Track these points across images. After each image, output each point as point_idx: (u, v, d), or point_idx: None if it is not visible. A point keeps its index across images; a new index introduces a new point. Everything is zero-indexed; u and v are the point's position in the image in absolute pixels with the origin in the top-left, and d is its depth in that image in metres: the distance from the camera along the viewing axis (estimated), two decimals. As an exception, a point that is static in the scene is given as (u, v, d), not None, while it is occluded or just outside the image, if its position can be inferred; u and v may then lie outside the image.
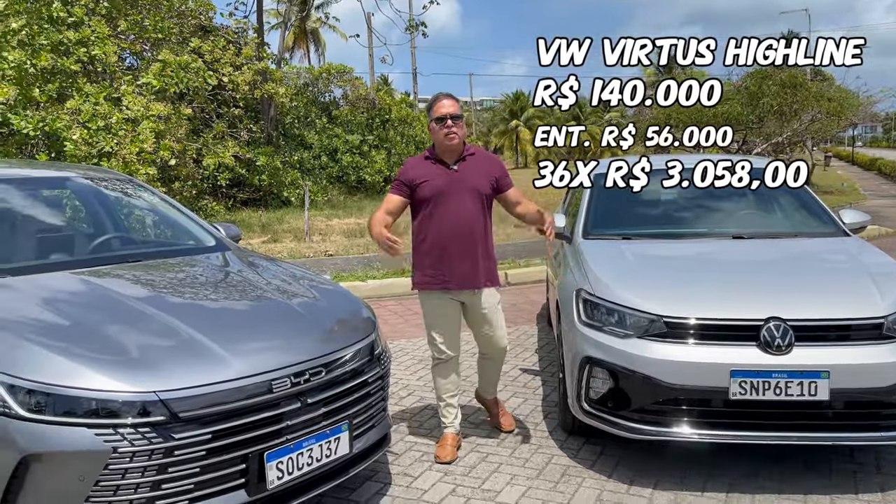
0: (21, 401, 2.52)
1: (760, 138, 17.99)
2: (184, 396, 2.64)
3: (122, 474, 2.52)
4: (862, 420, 3.50)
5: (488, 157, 4.08)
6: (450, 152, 3.89)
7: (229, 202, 19.35)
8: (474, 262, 3.87)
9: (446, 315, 3.97)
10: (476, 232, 3.88)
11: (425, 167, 3.91)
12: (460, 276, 3.86)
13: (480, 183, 3.90)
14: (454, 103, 3.90)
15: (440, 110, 3.85)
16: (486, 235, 3.95)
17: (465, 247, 3.84)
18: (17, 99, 11.17)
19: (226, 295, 3.52)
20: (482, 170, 3.94)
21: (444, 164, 3.90)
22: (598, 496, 3.55)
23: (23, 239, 3.87)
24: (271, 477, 2.81)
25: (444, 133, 3.82)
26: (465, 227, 3.83)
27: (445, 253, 3.84)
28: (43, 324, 2.87)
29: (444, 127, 3.82)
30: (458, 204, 3.83)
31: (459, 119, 3.85)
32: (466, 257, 3.85)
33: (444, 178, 3.87)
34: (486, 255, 3.94)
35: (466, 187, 3.85)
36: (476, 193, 3.87)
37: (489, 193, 3.95)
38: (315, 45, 54.04)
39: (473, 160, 3.94)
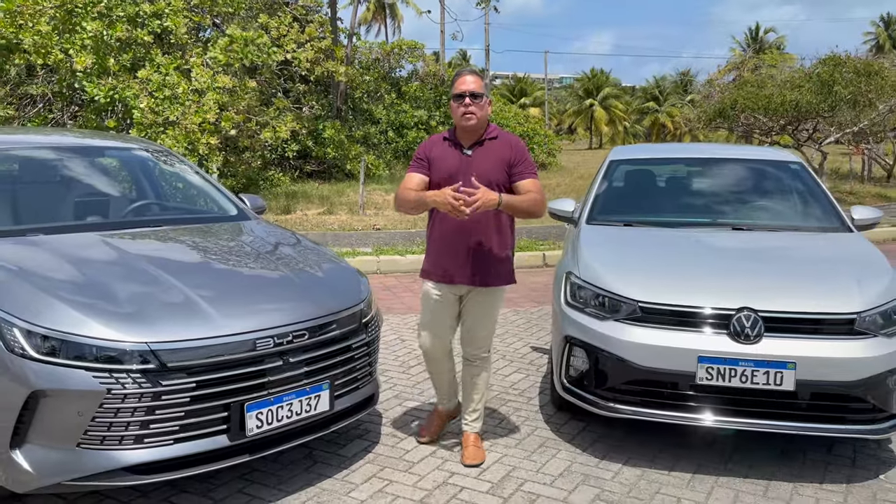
0: (34, 344, 2.90)
1: (833, 127, 17.42)
2: (172, 349, 2.99)
3: (115, 413, 2.88)
4: (828, 412, 3.59)
5: (509, 143, 3.65)
6: (467, 134, 3.61)
7: (295, 173, 19.97)
8: (480, 257, 3.61)
9: (443, 309, 3.74)
10: (483, 225, 3.58)
11: (441, 147, 3.66)
12: (464, 271, 3.62)
13: (492, 171, 3.54)
14: (477, 79, 3.58)
15: (459, 87, 3.55)
16: (498, 228, 3.64)
17: (470, 240, 3.59)
18: (94, 68, 11.89)
19: (229, 260, 3.86)
20: (496, 155, 3.58)
21: (459, 147, 3.64)
22: (568, 467, 3.76)
23: (63, 202, 4.31)
24: (251, 425, 3.14)
25: (462, 112, 3.53)
26: (471, 221, 3.48)
27: (450, 246, 3.63)
28: (60, 278, 3.26)
29: (461, 105, 3.53)
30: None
31: (480, 98, 3.53)
32: (471, 252, 3.60)
33: (455, 161, 3.59)
34: (496, 251, 3.64)
35: (477, 175, 3.47)
36: (485, 181, 3.45)
37: (503, 182, 3.57)
38: (392, 18, 54.52)
39: (492, 145, 3.61)
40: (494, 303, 3.75)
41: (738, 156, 5.49)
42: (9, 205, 4.11)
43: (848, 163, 23.97)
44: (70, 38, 11.79)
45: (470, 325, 3.78)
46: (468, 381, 3.88)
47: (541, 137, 29.07)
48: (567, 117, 70.07)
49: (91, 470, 2.89)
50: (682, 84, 68.38)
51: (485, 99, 3.56)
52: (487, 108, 3.60)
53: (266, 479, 3.56)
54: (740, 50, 57.19)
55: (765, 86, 17.52)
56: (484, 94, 3.55)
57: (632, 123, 68.66)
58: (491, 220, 3.60)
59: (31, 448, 2.89)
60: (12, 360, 2.89)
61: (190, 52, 13.21)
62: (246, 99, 12.82)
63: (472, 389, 3.87)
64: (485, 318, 3.76)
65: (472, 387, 3.87)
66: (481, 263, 3.62)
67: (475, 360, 3.84)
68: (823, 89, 15.39)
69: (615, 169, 5.40)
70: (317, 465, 3.73)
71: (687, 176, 5.42)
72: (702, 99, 20.69)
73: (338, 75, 15.94)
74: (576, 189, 18.04)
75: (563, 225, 5.62)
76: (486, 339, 3.83)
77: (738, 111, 16.57)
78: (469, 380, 3.88)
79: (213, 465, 3.10)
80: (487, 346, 3.85)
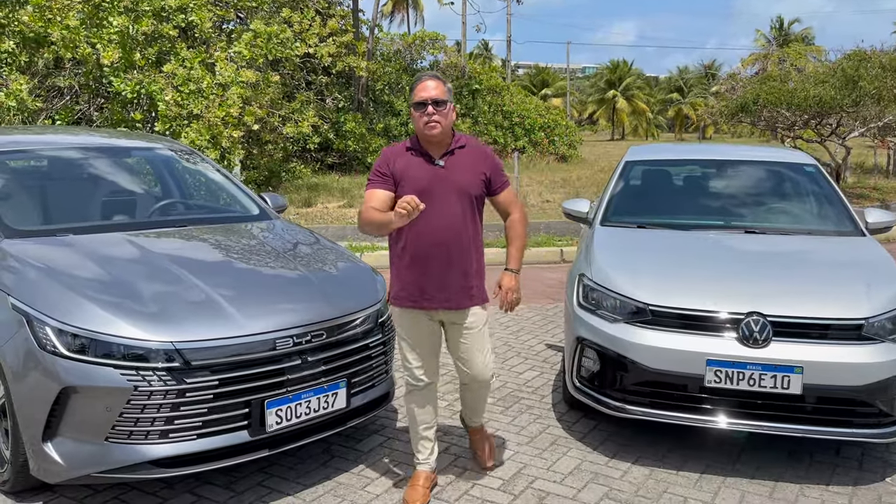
0: (65, 342, 3.05)
1: (857, 122, 17.23)
2: (196, 348, 3.12)
3: (142, 409, 3.02)
4: (834, 416, 3.65)
5: (480, 151, 3.42)
6: (434, 144, 3.31)
7: (316, 166, 20.13)
8: (459, 276, 3.31)
9: (423, 337, 3.42)
10: (463, 240, 3.30)
11: (406, 160, 3.31)
12: (441, 293, 3.31)
13: (469, 181, 3.30)
14: (439, 85, 3.25)
15: (420, 94, 3.23)
16: (474, 244, 3.37)
17: (450, 258, 3.28)
18: (120, 62, 12.09)
19: (250, 260, 3.98)
20: (471, 166, 3.33)
21: (428, 158, 3.31)
22: (577, 465, 3.86)
23: (91, 202, 4.46)
24: (270, 422, 3.27)
25: (424, 122, 3.22)
26: (450, 235, 3.26)
27: (425, 265, 3.28)
28: (89, 277, 3.41)
29: (423, 114, 3.22)
30: (442, 207, 3.22)
31: (443, 105, 3.22)
32: (450, 271, 3.29)
33: (427, 174, 3.27)
34: (474, 268, 3.36)
35: (453, 187, 3.25)
36: (464, 194, 3.27)
37: (480, 194, 3.36)
38: (414, 9, 54.51)
39: (464, 154, 3.34)
40: (482, 321, 3.45)
41: (753, 157, 5.52)
42: (39, 205, 4.27)
43: (873, 156, 23.70)
44: (97, 32, 12.00)
45: (467, 352, 3.44)
46: (467, 401, 3.73)
47: (562, 129, 29.02)
48: (589, 108, 69.69)
49: (118, 463, 3.04)
50: (707, 76, 67.74)
51: (448, 105, 3.27)
52: (452, 115, 3.31)
53: (285, 473, 3.69)
54: (765, 42, 56.46)
55: (788, 80, 17.38)
56: (447, 100, 3.26)
57: (654, 115, 68.16)
58: (469, 233, 3.32)
59: (62, 441, 3.05)
60: (44, 357, 3.04)
61: (214, 46, 13.38)
62: (269, 93, 12.96)
63: (475, 402, 3.71)
64: (482, 339, 3.45)
65: (473, 401, 3.70)
66: (465, 282, 3.33)
67: (478, 387, 3.60)
68: (848, 84, 15.22)
69: (630, 170, 5.45)
70: (334, 460, 3.85)
71: (702, 177, 5.46)
72: (725, 92, 20.49)
73: (359, 70, 16.06)
74: (596, 183, 18.03)
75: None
76: (487, 363, 3.50)
77: (761, 106, 16.43)
78: (468, 399, 3.71)
79: (234, 459, 3.24)
80: (491, 370, 3.54)
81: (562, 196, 15.74)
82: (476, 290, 3.38)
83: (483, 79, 27.15)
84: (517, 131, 26.93)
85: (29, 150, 4.54)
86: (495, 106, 26.78)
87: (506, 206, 3.48)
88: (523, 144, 26.66)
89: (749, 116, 17.66)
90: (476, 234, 3.39)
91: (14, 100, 11.13)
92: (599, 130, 72.49)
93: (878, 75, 15.03)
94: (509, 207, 3.49)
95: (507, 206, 3.49)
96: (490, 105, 26.66)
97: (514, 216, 3.49)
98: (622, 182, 5.34)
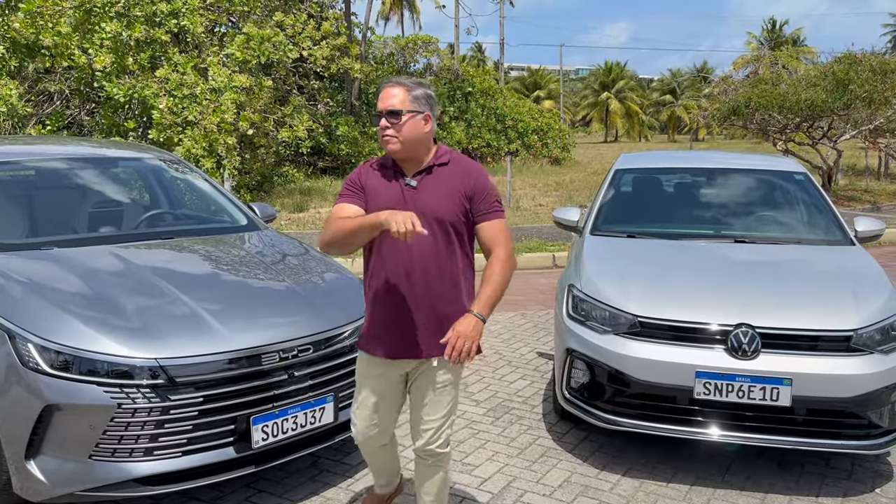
0: (48, 359, 3.02)
1: (849, 125, 17.29)
2: (181, 364, 3.09)
3: (126, 426, 2.99)
4: (824, 427, 3.64)
5: (465, 169, 2.79)
6: (407, 161, 2.77)
7: (309, 170, 20.10)
8: (431, 319, 2.74)
9: (380, 389, 2.88)
10: (436, 280, 2.73)
11: (377, 177, 2.80)
12: (403, 339, 2.77)
13: (443, 207, 2.72)
14: (401, 92, 2.69)
15: (379, 103, 2.71)
16: (454, 283, 2.78)
17: (417, 298, 2.73)
18: (113, 67, 12.05)
19: (237, 272, 3.95)
20: (449, 187, 2.74)
21: (400, 177, 2.78)
22: (567, 477, 3.84)
23: (76, 214, 4.42)
24: (256, 438, 3.24)
25: (380, 136, 2.73)
26: (419, 274, 2.72)
27: (389, 304, 2.76)
28: (73, 293, 3.37)
29: (378, 128, 2.73)
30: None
31: (397, 117, 2.67)
32: (418, 312, 2.74)
33: (394, 196, 2.73)
34: (452, 311, 2.73)
35: (423, 214, 2.62)
36: (434, 222, 2.69)
37: (458, 221, 2.75)
38: (410, 11, 54.52)
39: (442, 173, 2.77)
40: (453, 379, 2.84)
41: (743, 166, 5.51)
42: (24, 217, 4.23)
43: (864, 159, 23.78)
44: (89, 37, 11.96)
45: (421, 411, 2.86)
46: (421, 484, 2.98)
47: (555, 132, 29.06)
48: (582, 110, 69.79)
49: (102, 481, 3.01)
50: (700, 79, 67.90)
51: (407, 116, 2.68)
52: (419, 127, 2.70)
53: (272, 488, 3.66)
54: (757, 44, 56.64)
55: (779, 83, 17.42)
56: (406, 110, 2.68)
57: (648, 117, 68.31)
58: (446, 269, 2.75)
59: (45, 459, 3.02)
60: (27, 374, 3.01)
61: (207, 50, 13.35)
62: (263, 98, 12.94)
63: (427, 495, 2.98)
64: (440, 401, 2.83)
65: (426, 492, 2.97)
66: (435, 328, 2.72)
67: (429, 457, 2.91)
68: (839, 87, 15.28)
69: (621, 178, 5.45)
70: (322, 474, 3.83)
71: (692, 186, 5.46)
72: (717, 95, 20.53)
73: (353, 72, 16.04)
74: (589, 186, 18.06)
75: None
76: (444, 429, 2.87)
77: (753, 109, 16.47)
78: (422, 482, 2.97)
79: (220, 476, 3.20)
80: (446, 439, 2.89)
81: (555, 200, 15.76)
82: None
83: (476, 81, 27.18)
84: (510, 134, 26.95)
85: (14, 162, 4.50)
86: (488, 109, 26.81)
87: (488, 241, 2.76)
88: (516, 147, 26.68)
89: (741, 119, 17.70)
90: (456, 270, 2.77)
91: (4, 105, 11.09)
92: (592, 133, 72.56)
93: (869, 78, 15.09)
94: (492, 243, 2.76)
95: (490, 242, 2.76)
96: (483, 108, 26.68)
97: (498, 253, 2.74)
98: (612, 190, 5.33)
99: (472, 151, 25.71)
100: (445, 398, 2.84)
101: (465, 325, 2.63)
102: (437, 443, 2.87)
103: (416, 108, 2.70)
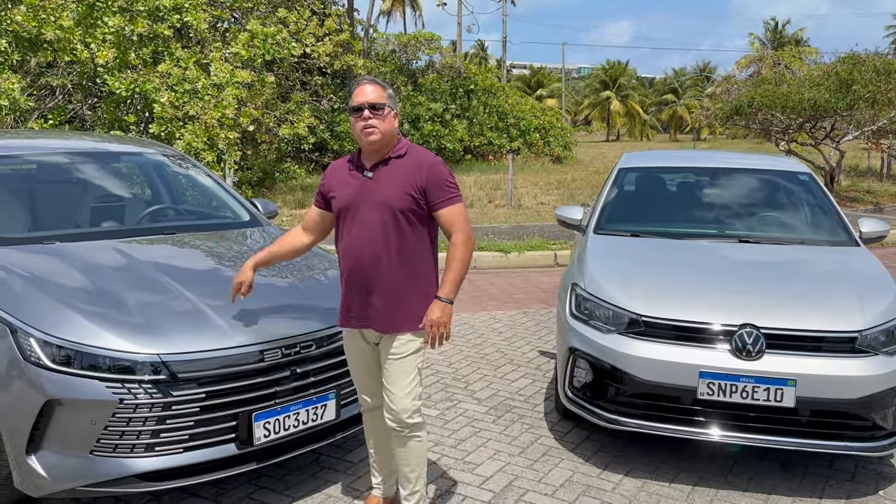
0: (49, 354, 3.00)
1: (852, 126, 17.26)
2: (183, 360, 3.08)
3: (127, 422, 2.98)
4: (827, 429, 3.62)
5: (419, 161, 3.06)
6: (371, 154, 3.08)
7: (311, 166, 20.07)
8: (385, 297, 3.04)
9: (354, 356, 3.26)
10: (383, 258, 3.01)
11: (343, 172, 3.15)
12: (365, 314, 3.09)
13: (395, 196, 3.00)
14: (377, 89, 3.03)
15: (357, 98, 3.02)
16: (408, 264, 3.05)
17: (369, 278, 3.04)
18: (115, 62, 12.03)
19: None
20: (402, 177, 3.03)
21: (361, 170, 3.10)
22: (569, 477, 3.83)
23: (78, 208, 4.40)
24: (258, 434, 3.22)
25: (361, 127, 2.99)
26: (368, 252, 3.01)
27: (350, 283, 3.10)
28: (75, 288, 3.35)
29: (359, 119, 3.00)
30: (362, 222, 3.03)
31: (380, 110, 2.99)
32: (373, 291, 3.05)
33: (353, 188, 3.08)
34: (404, 290, 3.05)
35: (377, 202, 3.00)
36: (386, 208, 3.00)
37: (408, 209, 3.01)
38: (412, 8, 54.46)
39: (398, 165, 3.06)
40: (414, 349, 3.10)
41: (747, 165, 5.49)
42: (26, 211, 4.22)
43: (867, 160, 23.75)
44: (92, 32, 11.94)
45: (388, 383, 3.12)
46: (398, 456, 3.21)
47: (557, 130, 29.03)
48: (584, 109, 69.72)
49: (103, 476, 2.99)
50: (703, 78, 67.84)
51: (387, 110, 3.02)
52: (393, 121, 3.05)
53: (274, 485, 3.65)
54: (759, 44, 56.55)
55: (782, 83, 17.39)
56: (386, 104, 3.02)
57: (650, 116, 68.25)
58: (392, 251, 3.02)
59: (46, 454, 3.00)
60: (28, 368, 2.99)
61: (209, 46, 13.32)
62: (265, 94, 12.92)
63: (405, 465, 3.21)
64: (403, 371, 3.08)
65: (405, 462, 3.20)
66: (387, 304, 3.05)
67: (401, 428, 3.12)
68: (842, 88, 15.25)
69: (624, 177, 5.43)
70: (324, 471, 3.82)
71: (695, 185, 5.44)
72: (719, 94, 20.50)
73: (356, 68, 16.00)
74: (591, 185, 18.04)
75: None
76: (406, 398, 3.09)
77: (756, 109, 16.44)
78: (399, 454, 3.20)
79: (221, 472, 3.19)
80: (412, 409, 3.10)
81: (556, 198, 15.74)
82: (404, 314, 3.05)
83: (478, 79, 27.13)
84: (512, 132, 26.93)
85: (16, 156, 4.48)
86: (491, 107, 26.77)
87: (447, 225, 3.06)
88: (518, 146, 26.65)
89: (743, 119, 17.67)
90: (409, 252, 3.04)
91: (6, 99, 11.08)
92: (594, 131, 72.51)
93: (872, 79, 15.07)
94: (451, 227, 3.05)
95: (449, 226, 3.05)
96: (485, 106, 26.64)
97: (455, 237, 3.05)
98: (616, 189, 5.31)
99: (474, 149, 25.69)
100: (408, 367, 3.09)
101: (435, 313, 3.02)
102: (405, 413, 3.10)
103: (391, 105, 3.05)
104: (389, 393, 3.10)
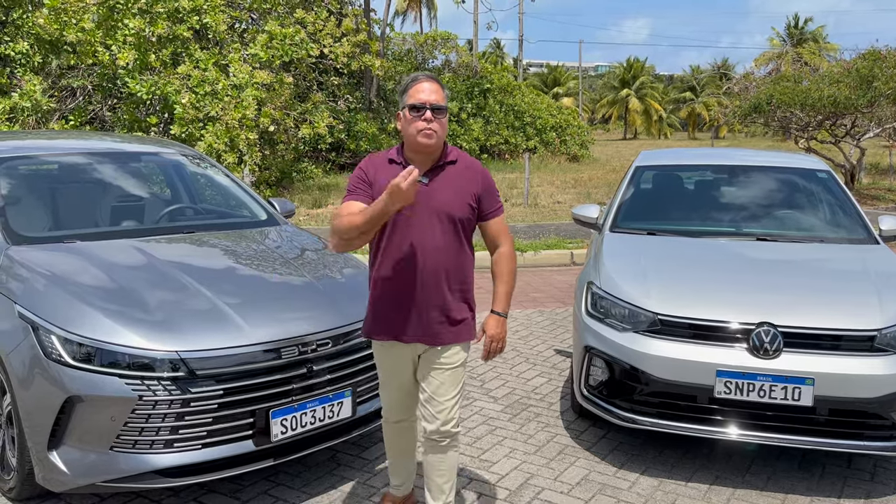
0: (70, 351, 3.05)
1: (873, 123, 17.09)
2: (201, 357, 3.11)
3: (147, 418, 3.02)
4: (846, 428, 3.60)
5: (473, 168, 2.94)
6: (421, 157, 2.86)
7: (327, 166, 20.16)
8: (438, 309, 2.89)
9: (392, 371, 3.05)
10: (445, 270, 2.87)
11: (388, 172, 2.79)
12: (417, 327, 2.90)
13: (455, 204, 2.85)
14: (438, 89, 2.81)
15: (418, 95, 2.78)
16: (461, 274, 2.93)
17: (429, 291, 2.86)
18: (135, 64, 12.16)
19: (256, 267, 3.97)
20: (460, 185, 2.88)
21: None
22: (585, 475, 3.82)
23: (99, 208, 4.46)
24: (275, 431, 3.25)
25: (420, 128, 2.77)
26: (431, 265, 2.84)
27: (401, 295, 2.89)
28: (95, 286, 3.40)
29: (420, 119, 2.77)
30: (422, 231, 2.82)
31: (442, 113, 2.81)
32: (427, 303, 2.87)
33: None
34: (459, 302, 2.93)
35: (434, 208, 2.82)
36: (448, 218, 2.84)
37: (467, 217, 2.89)
38: (428, 8, 54.48)
39: (453, 171, 2.89)
40: (462, 359, 3.00)
41: (765, 163, 5.45)
42: (47, 211, 4.28)
43: (888, 157, 23.47)
44: (112, 34, 12.06)
45: (434, 393, 2.97)
46: (434, 466, 3.07)
47: (574, 129, 28.95)
48: (601, 107, 69.41)
49: (123, 472, 3.04)
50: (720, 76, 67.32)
51: (446, 115, 2.85)
52: (446, 126, 2.88)
53: (291, 482, 3.68)
54: (779, 41, 56.04)
55: (802, 80, 17.24)
56: (445, 107, 2.83)
57: (668, 114, 67.82)
58: (452, 262, 2.89)
59: (67, 450, 3.05)
60: (50, 365, 3.05)
61: (228, 47, 13.42)
62: (283, 94, 13.00)
63: (440, 476, 3.07)
64: (452, 382, 2.97)
65: (439, 473, 3.07)
66: (445, 317, 2.91)
67: (442, 438, 3.01)
68: (862, 84, 15.09)
69: (641, 175, 5.41)
70: (340, 468, 3.84)
71: (713, 183, 5.41)
72: (738, 92, 20.35)
73: (374, 69, 16.05)
74: (608, 183, 17.98)
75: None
76: (454, 409, 3.00)
77: (774, 106, 16.31)
78: (435, 464, 3.06)
79: (239, 468, 3.22)
80: (456, 418, 3.01)
81: (573, 197, 15.70)
82: (460, 325, 2.94)
83: (495, 78, 27.13)
84: (528, 131, 26.89)
85: (37, 157, 4.55)
86: (507, 105, 26.75)
87: (495, 235, 2.99)
88: (534, 144, 26.61)
89: (762, 117, 17.54)
90: (464, 262, 2.94)
91: (28, 100, 11.23)
92: (611, 130, 72.18)
93: (894, 75, 14.91)
94: (498, 238, 2.99)
95: (497, 236, 2.99)
96: (501, 104, 26.62)
97: (503, 249, 2.99)
98: (632, 188, 5.30)
99: (490, 148, 25.68)
100: (457, 378, 2.99)
101: (493, 327, 3.00)
102: (451, 423, 3.01)
103: (447, 107, 2.89)
104: (436, 403, 2.97)
